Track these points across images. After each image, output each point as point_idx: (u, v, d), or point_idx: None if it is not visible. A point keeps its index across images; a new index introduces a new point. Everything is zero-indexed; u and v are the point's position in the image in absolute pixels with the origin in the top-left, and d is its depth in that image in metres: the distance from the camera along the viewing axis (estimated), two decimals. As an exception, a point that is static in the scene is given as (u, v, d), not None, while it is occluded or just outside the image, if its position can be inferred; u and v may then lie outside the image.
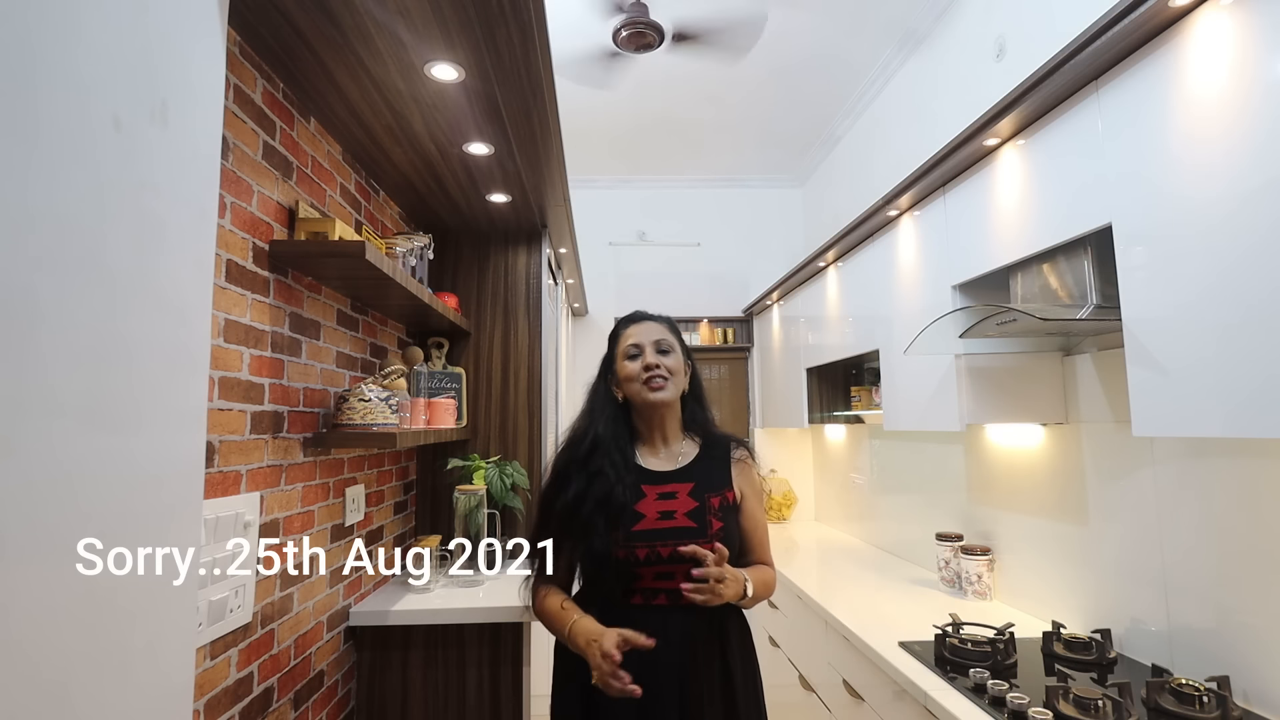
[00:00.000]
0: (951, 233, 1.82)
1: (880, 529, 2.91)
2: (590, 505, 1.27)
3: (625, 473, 1.30)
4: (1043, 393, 1.77)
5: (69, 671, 0.58)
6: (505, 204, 2.20)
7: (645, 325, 1.37)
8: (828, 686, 2.00)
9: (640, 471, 1.33)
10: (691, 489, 1.30)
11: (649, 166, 4.03)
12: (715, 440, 1.39)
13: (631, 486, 1.28)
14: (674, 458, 1.36)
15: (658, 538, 1.23)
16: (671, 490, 1.30)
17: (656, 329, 1.37)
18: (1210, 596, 1.34)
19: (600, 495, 1.27)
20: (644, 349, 1.33)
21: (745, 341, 4.13)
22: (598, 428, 1.35)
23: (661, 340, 1.35)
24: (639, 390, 1.32)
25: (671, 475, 1.32)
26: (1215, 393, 1.04)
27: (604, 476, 1.28)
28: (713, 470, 1.34)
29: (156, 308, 0.69)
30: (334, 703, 1.65)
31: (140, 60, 0.66)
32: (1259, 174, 0.98)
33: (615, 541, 1.24)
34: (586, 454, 1.32)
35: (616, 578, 1.24)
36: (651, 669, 1.17)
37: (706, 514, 1.27)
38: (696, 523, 1.26)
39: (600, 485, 1.28)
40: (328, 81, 1.42)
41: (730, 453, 1.38)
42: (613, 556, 1.23)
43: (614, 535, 1.24)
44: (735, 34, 2.69)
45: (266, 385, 1.34)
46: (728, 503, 1.31)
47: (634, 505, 1.27)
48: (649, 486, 1.30)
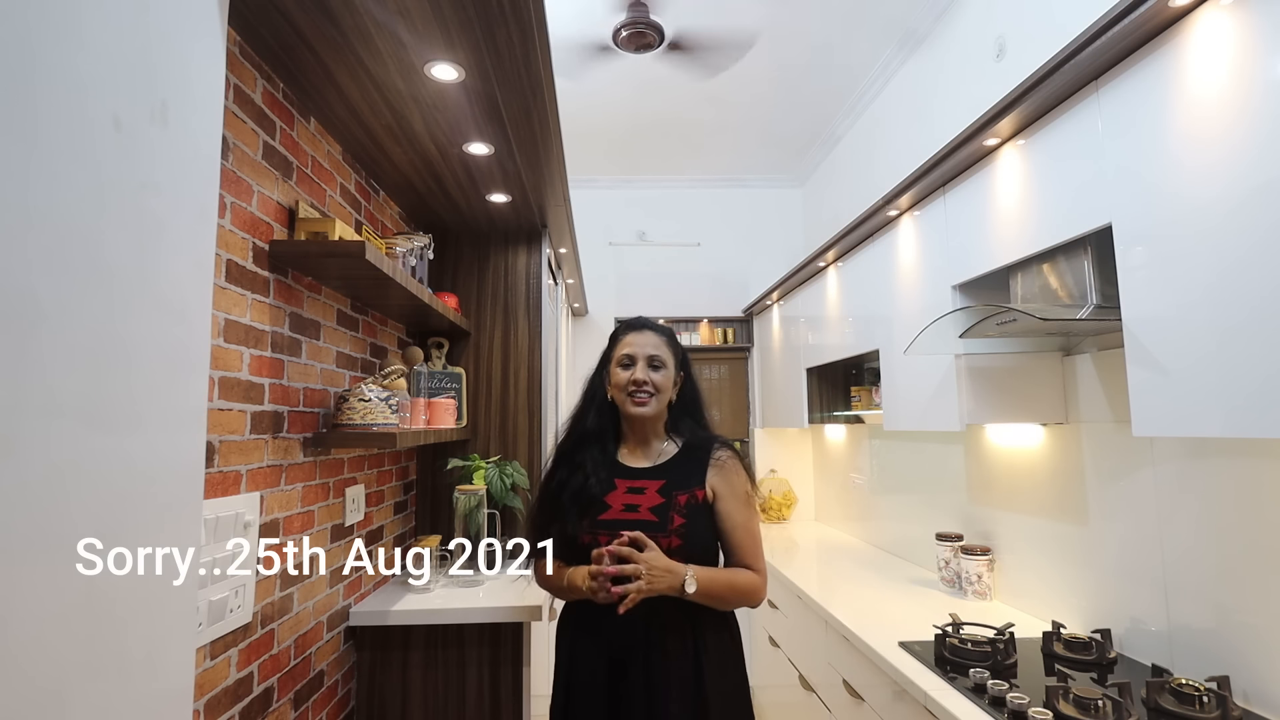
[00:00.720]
0: (951, 233, 1.82)
1: (880, 529, 2.91)
2: (567, 494, 1.37)
3: (601, 467, 1.39)
4: (1043, 393, 1.77)
5: (68, 671, 0.58)
6: (505, 204, 2.20)
7: (644, 335, 1.42)
8: (828, 686, 2.00)
9: (616, 466, 1.41)
10: (660, 486, 1.36)
11: (649, 166, 4.03)
12: (698, 442, 1.43)
13: (605, 480, 1.37)
14: (652, 456, 1.42)
15: (619, 527, 1.30)
16: (641, 486, 1.37)
17: (654, 342, 1.41)
18: (1210, 596, 1.34)
19: (576, 486, 1.36)
20: (637, 361, 1.39)
21: (745, 341, 4.13)
22: (587, 422, 1.45)
23: (655, 356, 1.40)
24: (624, 400, 1.40)
25: (644, 472, 1.39)
26: (1215, 393, 1.04)
27: (582, 470, 1.38)
28: (687, 470, 1.38)
29: (156, 308, 0.69)
30: (334, 703, 1.65)
31: (140, 60, 0.66)
32: (1259, 174, 0.98)
33: (582, 528, 1.32)
34: (573, 447, 1.44)
35: (581, 561, 1.31)
36: (619, 654, 1.26)
37: (670, 510, 1.32)
38: (659, 517, 1.31)
39: (578, 477, 1.37)
40: (328, 81, 1.42)
41: (710, 454, 1.40)
42: (578, 541, 1.32)
43: (582, 522, 1.33)
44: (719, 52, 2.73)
45: (266, 385, 1.34)
46: (696, 501, 1.34)
47: (603, 496, 1.35)
48: (621, 480, 1.38)
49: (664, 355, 1.41)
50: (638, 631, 1.26)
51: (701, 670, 1.27)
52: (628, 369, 1.39)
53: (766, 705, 2.83)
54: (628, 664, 1.26)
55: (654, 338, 1.41)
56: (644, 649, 1.26)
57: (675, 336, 1.47)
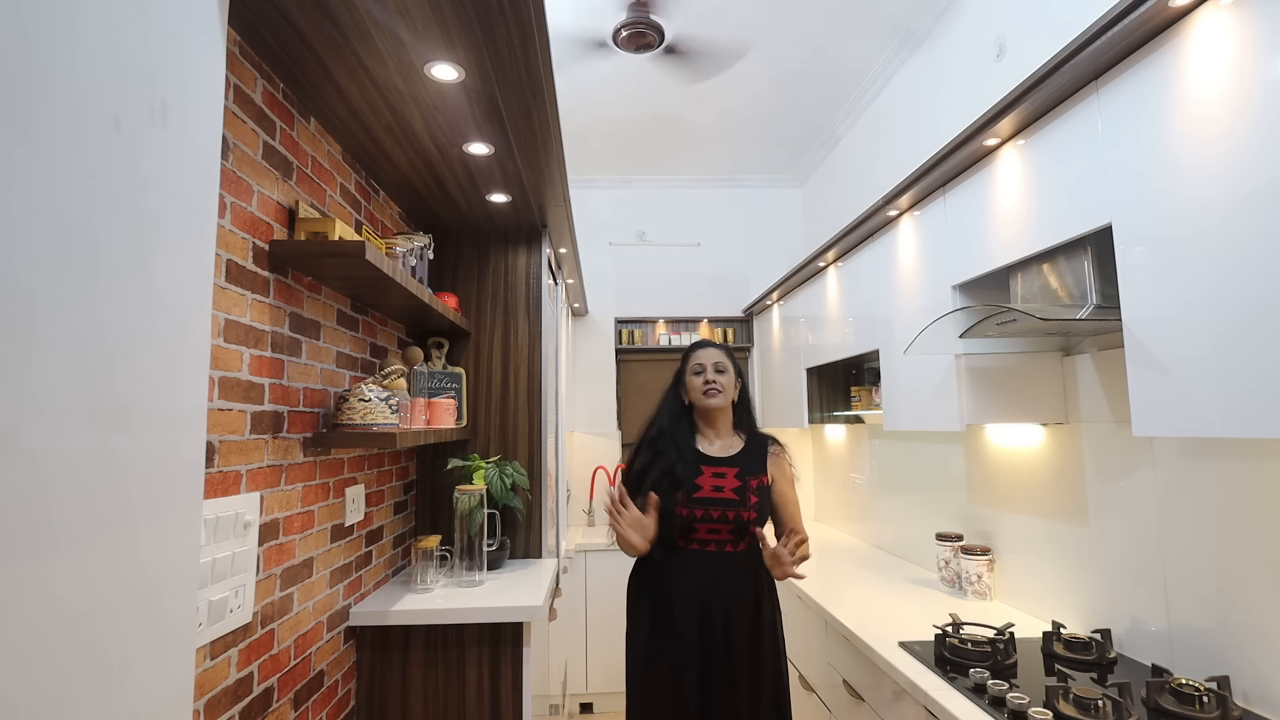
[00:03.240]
0: (951, 233, 1.82)
1: (880, 529, 2.91)
2: (655, 474, 1.76)
3: (686, 452, 1.79)
4: (1043, 393, 1.77)
5: (68, 671, 0.57)
6: (505, 204, 2.20)
7: (708, 351, 1.87)
8: (828, 686, 2.00)
9: (700, 455, 1.81)
10: (737, 472, 1.77)
11: (649, 166, 4.02)
12: (757, 438, 1.87)
13: (692, 465, 1.77)
14: (726, 448, 1.84)
15: (711, 504, 1.72)
16: (722, 471, 1.77)
17: (716, 354, 1.85)
18: (1210, 596, 1.34)
19: (664, 468, 1.76)
20: (705, 368, 1.83)
21: (745, 341, 4.13)
22: (663, 421, 1.86)
23: (719, 363, 1.84)
24: (700, 398, 1.82)
25: (724, 461, 1.80)
26: (1215, 393, 1.04)
27: (666, 455, 1.78)
28: (753, 459, 1.81)
29: (156, 307, 0.69)
30: (334, 703, 1.65)
31: (140, 60, 0.66)
32: (1259, 174, 0.98)
33: (679, 502, 1.72)
34: (654, 438, 1.84)
35: (680, 528, 1.71)
36: (705, 599, 1.67)
37: (746, 491, 1.74)
38: (739, 496, 1.73)
39: (664, 461, 1.77)
40: (328, 81, 1.42)
41: (767, 448, 1.85)
42: (676, 514, 1.71)
43: (678, 497, 1.72)
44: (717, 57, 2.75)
45: (266, 385, 1.34)
46: (763, 484, 1.78)
47: (694, 479, 1.75)
48: (706, 467, 1.78)
49: (725, 363, 1.84)
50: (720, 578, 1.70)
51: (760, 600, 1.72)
52: (700, 374, 1.83)
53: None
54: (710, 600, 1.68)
55: (716, 352, 1.85)
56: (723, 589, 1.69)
57: (731, 351, 1.89)
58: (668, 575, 1.73)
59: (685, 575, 1.71)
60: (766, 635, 1.70)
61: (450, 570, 2.08)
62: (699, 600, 1.68)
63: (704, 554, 1.71)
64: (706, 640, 1.67)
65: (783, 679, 1.72)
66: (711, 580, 1.70)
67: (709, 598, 1.68)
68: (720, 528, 1.71)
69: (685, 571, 1.71)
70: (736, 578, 1.71)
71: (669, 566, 1.74)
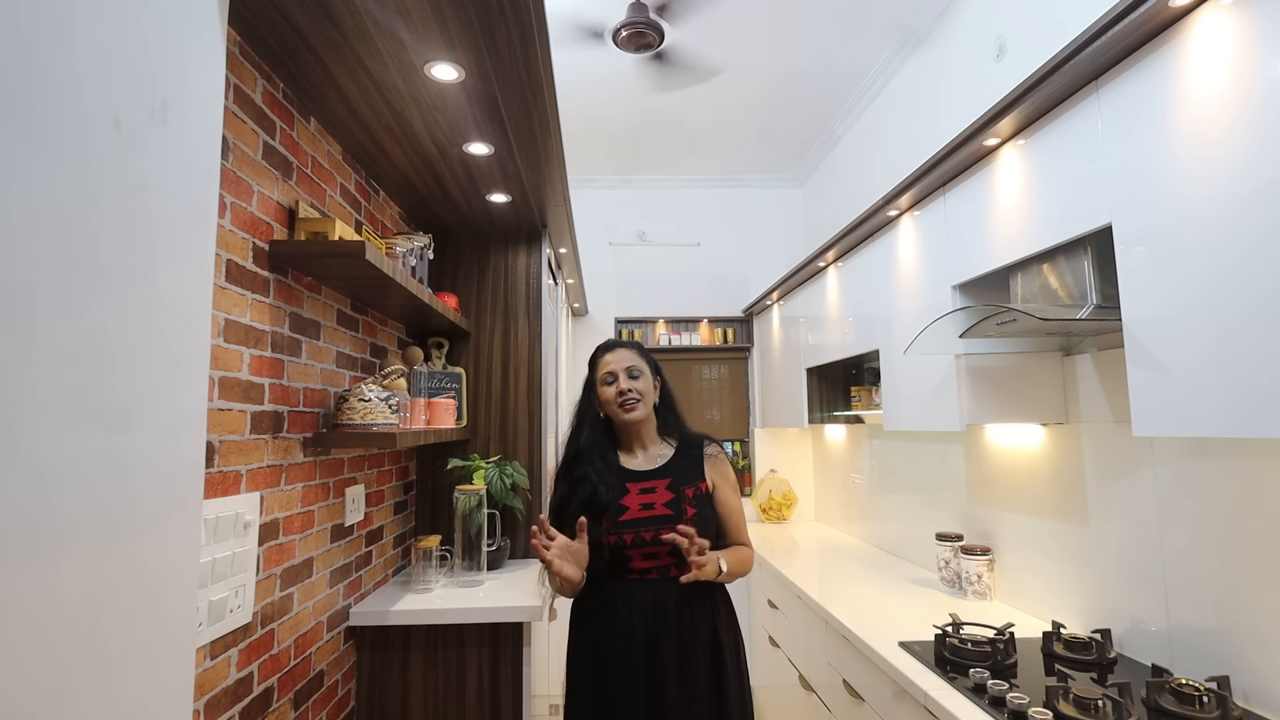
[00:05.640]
0: (951, 233, 1.82)
1: (880, 529, 2.91)
2: (576, 504, 1.50)
3: (608, 475, 1.53)
4: (1043, 393, 1.77)
5: (68, 671, 0.57)
6: (505, 204, 2.20)
7: (618, 353, 1.59)
8: (828, 686, 2.00)
9: (623, 472, 1.56)
10: (668, 483, 1.53)
11: (649, 166, 4.02)
12: (689, 440, 1.62)
13: (615, 486, 1.52)
14: (653, 459, 1.59)
15: (641, 525, 1.47)
16: (651, 485, 1.53)
17: (628, 356, 1.59)
18: (1210, 596, 1.34)
19: (585, 496, 1.51)
20: (618, 376, 1.56)
21: (745, 341, 4.13)
22: (579, 441, 1.60)
23: (633, 366, 1.57)
24: (616, 411, 1.56)
25: (651, 474, 1.55)
26: (1215, 393, 1.04)
27: (587, 481, 1.52)
28: (687, 466, 1.57)
29: (156, 307, 0.69)
30: (334, 703, 1.65)
31: (140, 60, 0.66)
32: (1259, 174, 0.98)
33: (605, 530, 1.47)
34: (570, 463, 1.59)
35: (611, 559, 1.48)
36: (653, 640, 1.43)
37: (682, 503, 1.51)
38: (673, 510, 1.49)
39: (584, 489, 1.52)
40: (328, 81, 1.42)
41: (703, 450, 1.60)
42: (603, 543, 1.47)
43: (604, 525, 1.47)
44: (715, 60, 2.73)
45: (266, 385, 1.34)
46: (701, 492, 1.54)
47: (619, 500, 1.50)
48: (632, 484, 1.53)
49: (640, 365, 1.58)
50: (669, 609, 1.45)
51: (718, 630, 1.48)
52: (612, 384, 1.56)
53: (766, 705, 2.83)
54: (660, 638, 1.43)
55: (627, 353, 1.59)
56: (675, 622, 1.44)
57: (644, 347, 1.65)
58: (609, 615, 1.46)
59: (628, 612, 1.44)
60: (730, 670, 1.46)
61: (450, 570, 2.08)
62: (645, 643, 1.42)
63: (645, 584, 1.46)
64: (657, 692, 1.40)
65: (749, 716, 1.51)
66: (661, 614, 1.44)
67: (658, 637, 1.42)
68: (657, 550, 1.45)
69: (627, 608, 1.45)
70: (687, 607, 1.46)
71: (610, 603, 1.47)
